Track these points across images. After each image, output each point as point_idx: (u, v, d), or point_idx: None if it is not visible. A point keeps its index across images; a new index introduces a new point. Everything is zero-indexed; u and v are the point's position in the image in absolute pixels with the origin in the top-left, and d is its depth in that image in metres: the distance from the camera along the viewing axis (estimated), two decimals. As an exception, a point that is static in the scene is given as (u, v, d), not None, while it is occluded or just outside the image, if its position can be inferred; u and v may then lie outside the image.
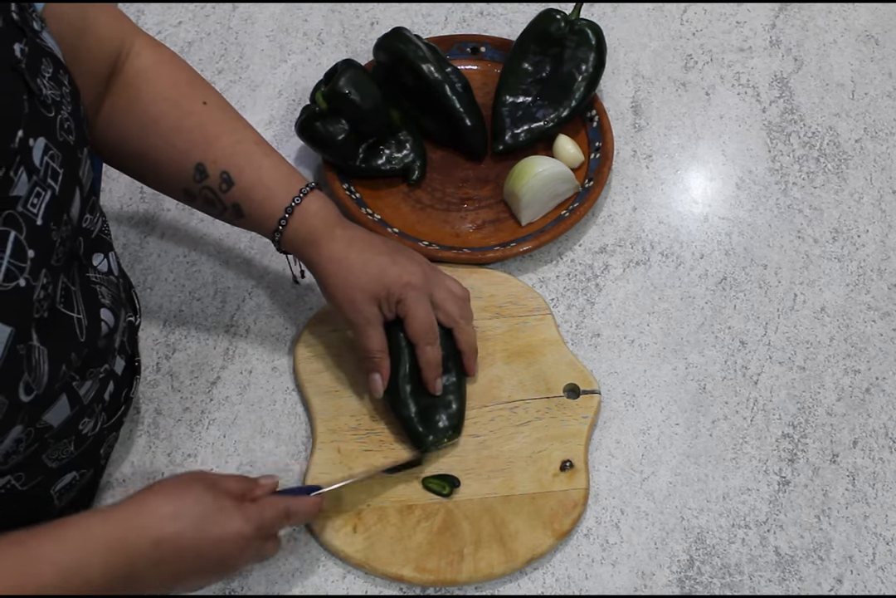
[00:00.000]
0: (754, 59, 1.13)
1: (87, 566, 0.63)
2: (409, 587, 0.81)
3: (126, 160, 0.83)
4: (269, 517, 0.72)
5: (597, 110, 1.04)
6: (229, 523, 0.69)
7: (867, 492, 0.87)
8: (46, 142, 0.62)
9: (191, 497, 0.69)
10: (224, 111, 0.83)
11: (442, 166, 1.03)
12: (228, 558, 0.70)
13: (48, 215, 0.61)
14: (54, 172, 0.63)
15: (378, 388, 0.84)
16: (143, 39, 0.82)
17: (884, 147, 1.07)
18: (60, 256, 0.64)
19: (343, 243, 0.82)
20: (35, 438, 0.68)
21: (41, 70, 0.63)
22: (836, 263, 0.99)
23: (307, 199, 0.81)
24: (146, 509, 0.68)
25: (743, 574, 0.83)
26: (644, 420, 0.89)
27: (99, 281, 0.73)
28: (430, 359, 0.83)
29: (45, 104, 0.63)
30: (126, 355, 0.81)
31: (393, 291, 0.81)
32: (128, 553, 0.65)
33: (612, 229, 1.01)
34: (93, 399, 0.74)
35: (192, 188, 0.82)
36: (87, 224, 0.72)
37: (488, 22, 1.15)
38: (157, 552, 0.66)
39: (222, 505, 0.69)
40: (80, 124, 0.68)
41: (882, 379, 0.93)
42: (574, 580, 0.82)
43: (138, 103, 0.80)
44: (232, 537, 0.69)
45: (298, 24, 1.15)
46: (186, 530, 0.67)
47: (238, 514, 0.70)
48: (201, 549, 0.68)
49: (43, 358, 0.62)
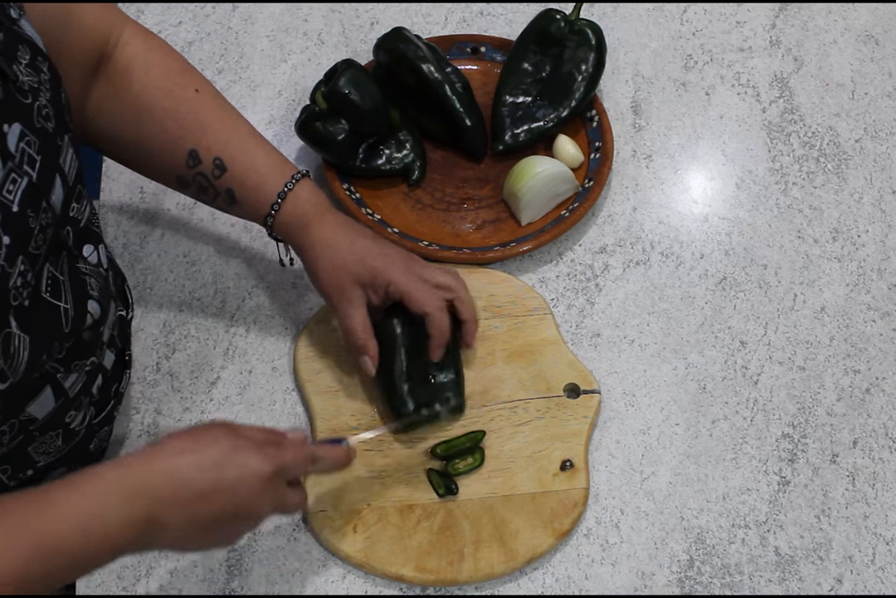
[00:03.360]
0: (754, 59, 1.13)
1: (105, 512, 0.61)
2: (409, 586, 0.81)
3: (118, 148, 0.84)
4: (291, 459, 0.69)
5: (597, 110, 1.04)
6: (248, 461, 0.66)
7: (867, 492, 0.87)
8: (22, 128, 0.62)
9: (209, 439, 0.67)
10: (216, 99, 0.84)
11: (442, 166, 1.03)
12: (248, 500, 0.67)
13: (25, 202, 0.61)
14: (31, 159, 0.62)
15: (369, 369, 0.83)
16: (133, 28, 0.82)
17: (884, 147, 1.07)
18: (40, 244, 0.64)
19: (332, 227, 0.83)
20: (20, 429, 0.68)
21: (17, 56, 0.63)
22: (836, 263, 0.99)
23: (299, 185, 0.83)
24: (163, 452, 0.65)
25: (743, 574, 0.83)
26: (644, 420, 0.89)
27: (88, 272, 0.73)
28: (441, 326, 0.82)
29: (22, 90, 0.63)
30: (116, 349, 0.81)
31: (378, 274, 0.81)
32: (146, 496, 0.62)
33: (612, 229, 1.01)
34: (80, 392, 0.74)
35: (185, 174, 0.82)
36: (75, 213, 0.72)
37: (488, 22, 1.15)
38: (175, 494, 0.64)
39: (240, 445, 0.67)
40: (61, 112, 0.68)
41: (882, 379, 0.93)
42: (574, 580, 0.82)
43: (130, 91, 0.80)
44: (251, 476, 0.66)
45: (298, 24, 1.15)
46: (205, 469, 0.65)
47: (257, 454, 0.67)
48: (220, 488, 0.65)
49: (23, 346, 0.62)
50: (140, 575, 0.81)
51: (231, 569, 0.82)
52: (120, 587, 0.81)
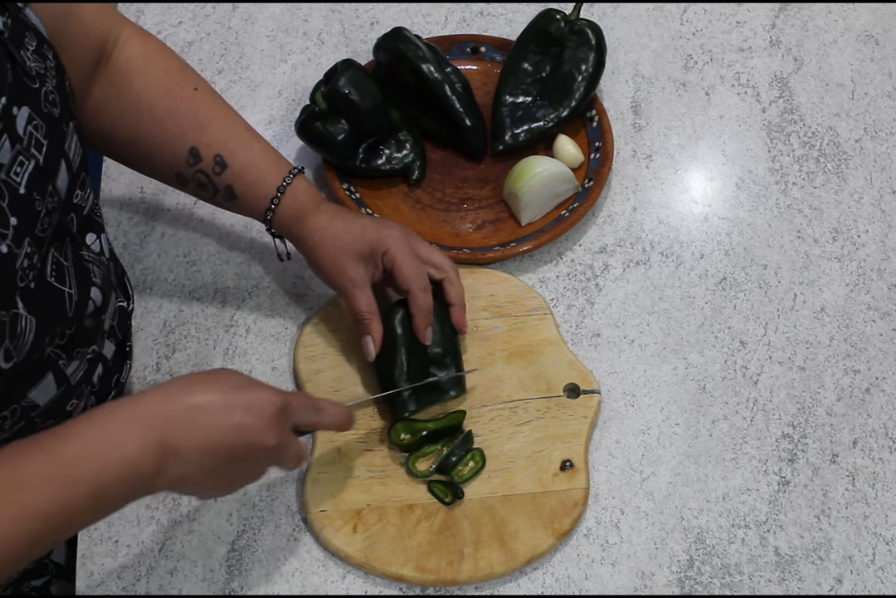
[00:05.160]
0: (754, 59, 1.13)
1: (122, 439, 0.62)
2: (409, 586, 0.81)
3: (118, 146, 0.84)
4: (297, 401, 0.71)
5: (597, 110, 1.04)
6: (259, 393, 0.68)
7: (867, 492, 0.87)
8: (30, 111, 0.63)
9: (221, 373, 0.69)
10: (214, 97, 0.86)
11: (442, 166, 1.03)
12: (257, 431, 0.67)
13: (31, 185, 0.62)
14: (38, 143, 0.64)
15: (370, 350, 0.84)
16: (130, 29, 0.84)
17: (884, 147, 1.07)
18: (46, 227, 0.65)
19: (328, 215, 0.85)
20: (21, 416, 0.69)
21: (24, 43, 0.64)
22: (836, 263, 0.99)
23: (296, 179, 0.85)
24: (176, 384, 0.67)
25: (743, 574, 0.83)
26: (644, 420, 0.89)
27: (91, 260, 0.75)
28: (422, 305, 0.83)
29: (30, 75, 0.64)
30: (116, 340, 0.82)
31: (376, 245, 0.83)
32: (160, 421, 0.63)
33: (612, 229, 1.01)
34: (81, 380, 0.75)
35: (185, 172, 0.84)
36: (79, 200, 0.73)
37: (488, 22, 1.15)
38: (189, 417, 0.64)
39: (251, 381, 0.69)
40: (66, 99, 0.69)
41: (882, 379, 0.93)
42: (574, 580, 0.82)
43: (131, 90, 0.81)
44: (262, 406, 0.67)
45: (298, 24, 1.15)
46: (217, 399, 0.66)
47: (267, 389, 0.69)
48: (231, 418, 0.66)
49: (29, 328, 0.63)
50: (140, 575, 0.81)
51: (231, 569, 0.82)
52: (120, 587, 0.81)
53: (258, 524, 0.83)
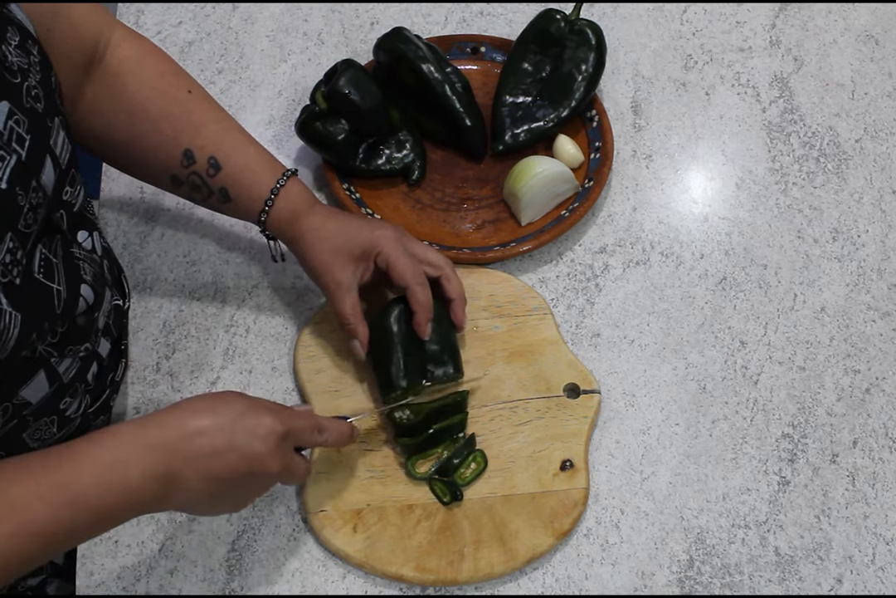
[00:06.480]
0: (754, 59, 1.13)
1: (125, 466, 0.63)
2: (409, 586, 0.81)
3: (111, 148, 0.84)
4: (300, 425, 0.72)
5: (597, 110, 1.04)
6: (262, 420, 0.69)
7: (867, 492, 0.87)
8: (11, 106, 0.63)
9: (223, 401, 0.70)
10: (207, 100, 0.86)
11: (442, 166, 1.03)
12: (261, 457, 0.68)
13: (13, 180, 0.62)
14: (20, 138, 0.63)
15: (359, 353, 0.85)
16: (123, 31, 0.83)
17: (884, 147, 1.07)
18: (31, 223, 0.65)
19: (321, 216, 0.85)
20: (13, 414, 0.69)
21: (6, 38, 0.64)
22: (836, 263, 0.99)
23: (290, 181, 0.85)
24: (179, 411, 0.68)
25: (743, 574, 0.83)
26: (644, 420, 0.89)
27: (82, 257, 0.75)
28: (421, 300, 0.84)
29: (11, 70, 0.64)
30: (112, 338, 0.82)
31: (368, 246, 0.83)
32: (164, 451, 0.65)
33: (612, 229, 1.01)
34: (74, 378, 0.75)
35: (179, 174, 0.84)
36: (68, 197, 0.73)
37: (488, 22, 1.15)
38: (192, 450, 0.66)
39: (254, 406, 0.70)
40: (51, 94, 0.69)
41: (882, 379, 0.93)
42: (574, 580, 0.82)
43: (125, 92, 0.81)
44: (264, 434, 0.68)
45: (298, 24, 1.15)
46: (220, 427, 0.67)
47: (270, 414, 0.70)
48: (235, 445, 0.67)
49: (14, 323, 0.63)
50: (140, 575, 0.81)
51: (231, 569, 0.82)
52: (120, 587, 0.81)
53: (258, 524, 0.84)
